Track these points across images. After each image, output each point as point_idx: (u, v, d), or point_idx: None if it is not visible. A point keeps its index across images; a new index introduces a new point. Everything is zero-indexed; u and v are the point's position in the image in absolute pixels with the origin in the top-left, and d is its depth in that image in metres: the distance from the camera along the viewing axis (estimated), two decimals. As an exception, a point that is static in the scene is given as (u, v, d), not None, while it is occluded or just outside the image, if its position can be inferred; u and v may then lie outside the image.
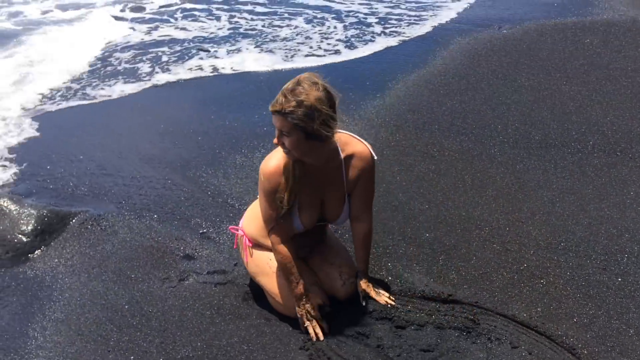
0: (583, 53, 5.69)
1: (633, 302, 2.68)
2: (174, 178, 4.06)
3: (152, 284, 3.07)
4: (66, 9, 8.90)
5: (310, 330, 2.63)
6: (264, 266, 2.79)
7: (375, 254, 3.15)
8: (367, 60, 6.11)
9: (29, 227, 3.43)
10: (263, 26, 7.56)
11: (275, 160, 2.49)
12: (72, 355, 2.64)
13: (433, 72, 5.54)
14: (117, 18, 8.31)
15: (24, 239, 3.39)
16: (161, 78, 5.98)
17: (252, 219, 2.85)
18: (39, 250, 3.38)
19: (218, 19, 8.05)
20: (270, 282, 2.77)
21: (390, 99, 5.02)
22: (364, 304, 2.74)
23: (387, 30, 7.01)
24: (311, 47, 6.59)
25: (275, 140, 2.39)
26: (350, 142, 2.55)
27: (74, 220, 3.61)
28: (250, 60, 6.32)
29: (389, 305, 2.74)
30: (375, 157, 2.60)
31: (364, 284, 2.77)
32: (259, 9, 8.46)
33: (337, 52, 6.41)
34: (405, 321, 2.69)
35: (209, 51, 6.65)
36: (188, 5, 8.85)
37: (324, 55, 6.32)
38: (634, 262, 2.92)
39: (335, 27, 7.30)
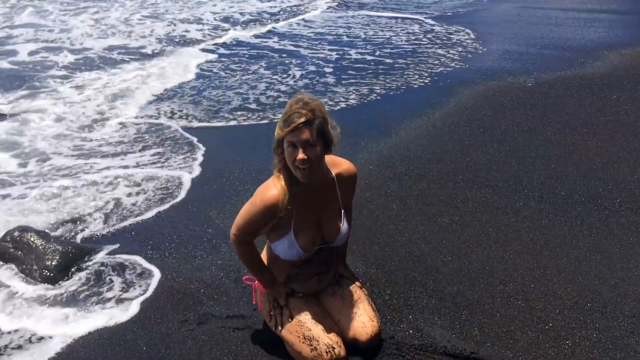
0: (610, 109, 5.68)
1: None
2: (196, 219, 4.09)
3: (170, 326, 3.06)
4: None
5: (272, 321, 2.75)
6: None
7: (396, 305, 3.12)
8: (395, 103, 6.16)
9: (54, 263, 3.47)
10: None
11: (275, 191, 2.54)
12: (88, 396, 2.62)
13: (458, 123, 5.56)
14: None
15: (48, 274, 3.43)
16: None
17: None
18: (61, 286, 3.41)
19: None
20: (287, 331, 2.74)
21: (416, 148, 5.03)
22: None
23: (415, 76, 7.11)
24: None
25: (301, 156, 2.41)
26: (337, 161, 2.72)
27: (97, 257, 3.64)
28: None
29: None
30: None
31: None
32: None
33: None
34: (425, 377, 2.63)
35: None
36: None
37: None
38: None
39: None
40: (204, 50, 8.89)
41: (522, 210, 4.00)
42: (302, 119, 2.39)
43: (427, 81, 6.97)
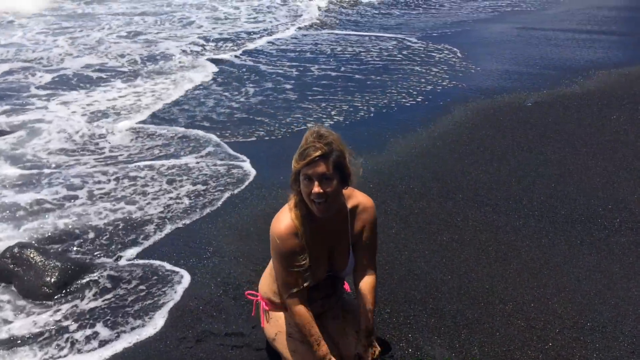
0: (610, 129, 5.70)
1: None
2: (195, 237, 4.09)
3: (169, 344, 3.05)
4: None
5: None
6: (282, 331, 2.76)
7: (396, 324, 3.11)
8: (389, 121, 6.19)
9: (52, 279, 3.47)
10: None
11: (285, 221, 2.51)
12: (84, 414, 2.61)
13: (458, 141, 5.59)
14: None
15: (47, 290, 3.43)
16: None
17: (266, 279, 2.86)
18: (59, 303, 3.41)
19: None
20: (286, 348, 2.73)
21: (415, 167, 5.05)
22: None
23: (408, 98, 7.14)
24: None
25: (317, 189, 2.36)
26: (353, 194, 2.64)
27: (96, 273, 3.65)
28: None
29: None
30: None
31: (360, 349, 2.66)
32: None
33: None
34: (424, 397, 2.62)
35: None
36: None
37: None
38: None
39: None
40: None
41: (522, 229, 4.00)
42: (318, 152, 2.34)
43: (419, 99, 6.98)
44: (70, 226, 4.23)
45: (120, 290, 3.50)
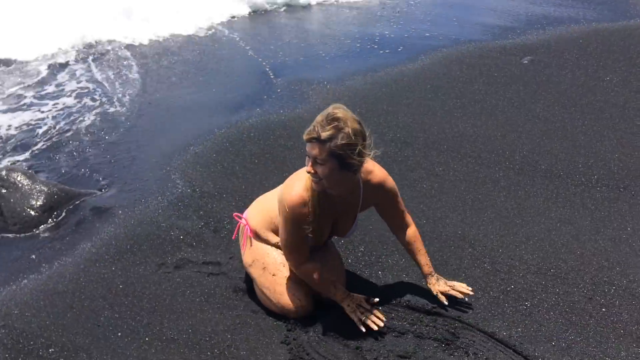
0: (601, 90, 5.71)
1: (614, 332, 2.70)
2: (185, 170, 4.17)
3: (148, 268, 3.17)
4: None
5: (370, 323, 2.67)
6: (260, 259, 2.87)
7: (368, 262, 3.22)
8: (384, 79, 6.19)
9: (38, 203, 3.56)
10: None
11: (297, 189, 2.52)
12: (62, 326, 2.74)
13: (450, 95, 5.61)
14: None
15: (33, 213, 3.53)
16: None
17: (258, 212, 2.92)
18: (45, 225, 3.52)
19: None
20: (261, 276, 2.85)
21: (404, 117, 5.09)
22: (446, 303, 2.82)
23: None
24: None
25: (309, 168, 2.41)
26: (370, 169, 2.63)
27: (83, 201, 3.74)
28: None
29: (465, 299, 2.83)
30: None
31: (439, 286, 2.85)
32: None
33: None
34: (386, 327, 2.75)
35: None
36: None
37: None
38: (620, 294, 2.94)
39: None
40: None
41: (500, 180, 4.08)
42: (312, 135, 2.33)
43: (415, 52, 6.94)
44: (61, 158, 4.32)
45: (104, 217, 3.60)
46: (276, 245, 2.86)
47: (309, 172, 2.43)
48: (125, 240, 3.40)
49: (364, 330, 2.67)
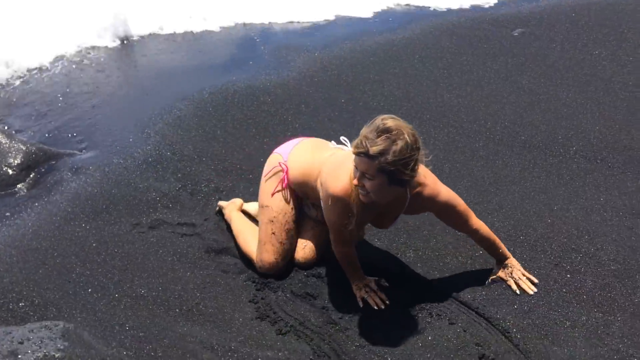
0: (589, 63, 5.68)
1: (576, 298, 2.75)
2: (165, 134, 4.17)
3: (122, 227, 3.20)
4: None
5: (370, 301, 2.69)
6: (274, 212, 2.85)
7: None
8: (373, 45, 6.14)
9: (16, 161, 3.57)
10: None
11: (342, 181, 2.44)
12: (34, 282, 2.78)
13: (437, 66, 5.57)
14: None
15: (10, 172, 3.54)
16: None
17: (299, 173, 2.82)
18: (23, 184, 3.53)
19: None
20: (262, 224, 2.88)
21: (390, 86, 5.07)
22: (514, 288, 2.77)
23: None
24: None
25: (355, 182, 2.31)
26: (418, 180, 2.47)
27: (61, 161, 3.75)
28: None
29: (533, 290, 2.75)
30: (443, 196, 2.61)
31: (502, 274, 2.82)
32: None
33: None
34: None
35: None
36: None
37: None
38: (587, 262, 2.98)
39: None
40: None
41: (479, 150, 4.10)
42: (361, 150, 2.18)
43: (405, 21, 6.88)
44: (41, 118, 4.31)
45: (82, 177, 3.62)
46: (295, 207, 2.89)
47: (356, 185, 2.32)
48: (102, 200, 3.42)
49: (361, 305, 2.68)
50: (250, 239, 2.96)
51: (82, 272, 2.85)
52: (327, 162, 2.65)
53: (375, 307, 2.67)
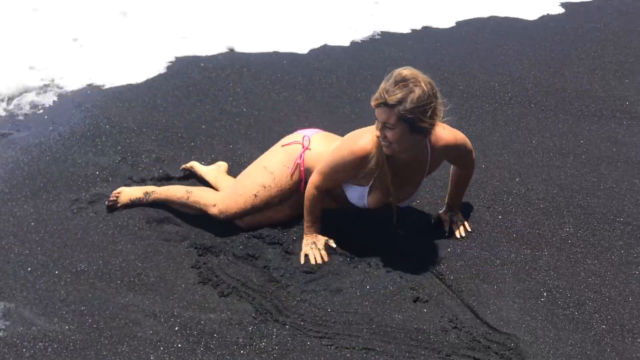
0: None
1: (506, 237, 2.88)
2: (105, 107, 4.09)
3: (61, 204, 3.16)
4: None
5: (311, 256, 2.75)
6: (269, 182, 2.86)
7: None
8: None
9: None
10: None
11: (365, 140, 2.48)
12: (-30, 265, 2.75)
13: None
14: None
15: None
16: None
17: (319, 148, 2.83)
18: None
19: None
20: (248, 180, 2.92)
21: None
22: (446, 229, 2.88)
23: None
24: None
25: (377, 133, 2.37)
26: (440, 132, 2.56)
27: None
28: None
29: (461, 235, 2.86)
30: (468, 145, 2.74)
31: (443, 214, 2.92)
32: None
33: None
34: (293, 247, 2.86)
35: None
36: None
37: None
38: (517, 202, 3.11)
39: None
40: None
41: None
42: (379, 101, 2.27)
43: None
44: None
45: (18, 153, 3.55)
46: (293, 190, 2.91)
47: (378, 137, 2.39)
48: (39, 178, 3.36)
49: (302, 261, 2.75)
50: (204, 193, 3.00)
51: (21, 252, 2.83)
52: (350, 134, 2.69)
53: (313, 262, 2.74)
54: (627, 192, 3.25)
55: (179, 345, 2.34)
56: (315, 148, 2.85)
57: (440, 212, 2.95)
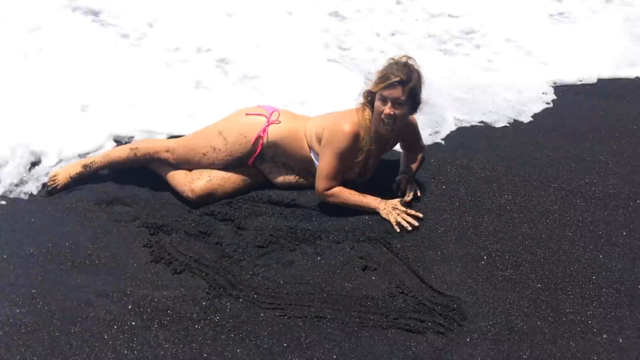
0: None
1: (450, 205, 3.00)
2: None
3: (5, 191, 3.09)
4: None
5: (405, 223, 2.80)
6: (225, 150, 2.99)
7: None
8: None
9: None
10: None
11: (352, 125, 2.78)
12: None
13: None
14: None
15: None
16: None
17: (287, 121, 3.01)
18: None
19: None
20: (206, 147, 3.01)
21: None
22: (398, 194, 3.00)
23: None
24: None
25: (388, 110, 2.68)
26: None
27: None
28: None
29: (410, 200, 2.97)
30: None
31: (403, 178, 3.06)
32: None
33: None
34: (245, 222, 2.91)
35: None
36: None
37: None
38: (460, 173, 3.25)
39: None
40: None
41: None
42: (398, 78, 2.62)
43: None
44: None
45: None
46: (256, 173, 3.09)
47: (388, 114, 2.68)
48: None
49: (398, 230, 2.80)
50: (151, 143, 3.15)
51: (-35, 240, 2.77)
52: (320, 117, 2.98)
53: (410, 229, 2.80)
54: (561, 159, 3.44)
55: (133, 324, 2.36)
56: (285, 123, 3.00)
57: (397, 177, 3.09)
